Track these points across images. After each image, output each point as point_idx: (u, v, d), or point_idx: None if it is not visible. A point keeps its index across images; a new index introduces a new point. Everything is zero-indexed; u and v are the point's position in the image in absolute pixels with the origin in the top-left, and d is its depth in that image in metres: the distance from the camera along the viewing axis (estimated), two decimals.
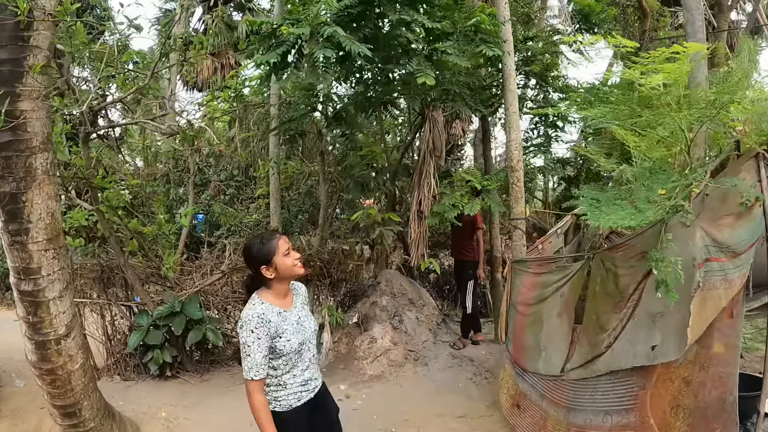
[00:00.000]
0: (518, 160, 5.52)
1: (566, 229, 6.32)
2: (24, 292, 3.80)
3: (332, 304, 8.14)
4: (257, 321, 2.94)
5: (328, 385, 6.36)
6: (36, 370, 4.08)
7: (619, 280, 4.03)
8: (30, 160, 3.60)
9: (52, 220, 3.78)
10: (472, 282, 7.69)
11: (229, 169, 12.14)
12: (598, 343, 4.16)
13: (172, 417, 5.62)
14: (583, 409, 4.26)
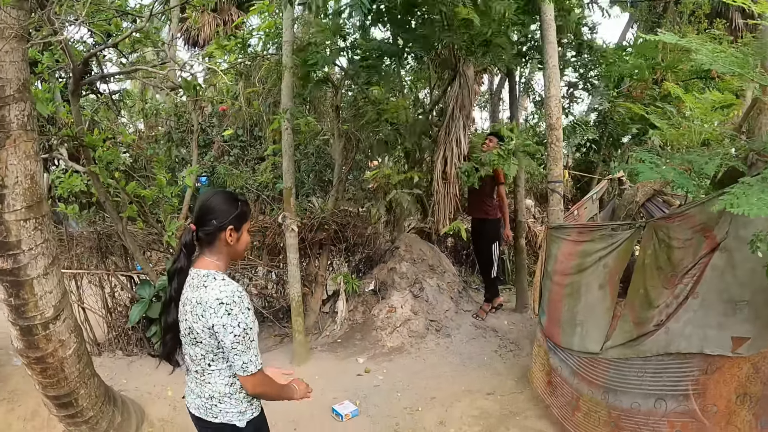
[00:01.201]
0: (558, 117, 5.06)
1: (600, 195, 6.02)
2: (2, 270, 3.25)
3: (347, 270, 7.73)
4: (245, 296, 2.46)
5: (345, 358, 6.19)
6: (24, 358, 3.60)
7: (673, 253, 3.64)
8: (2, 113, 3.01)
9: (31, 184, 3.21)
10: (496, 244, 7.24)
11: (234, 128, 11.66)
12: (646, 321, 3.81)
13: (179, 396, 5.24)
14: (627, 391, 3.92)
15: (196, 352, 2.50)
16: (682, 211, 3.64)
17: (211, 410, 2.58)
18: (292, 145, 6.09)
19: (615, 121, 8.43)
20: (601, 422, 4.08)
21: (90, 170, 5.46)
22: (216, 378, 2.53)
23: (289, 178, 6.07)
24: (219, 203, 2.51)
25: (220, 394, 2.55)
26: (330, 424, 5.00)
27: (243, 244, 2.60)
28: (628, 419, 3.89)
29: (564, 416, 4.54)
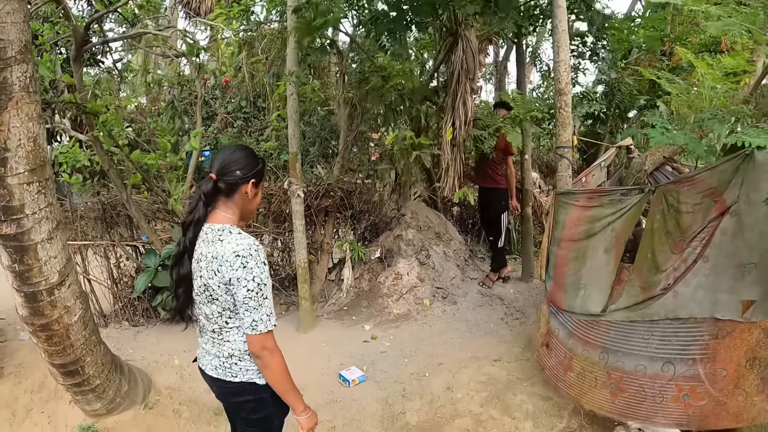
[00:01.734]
0: (567, 83, 4.95)
1: (609, 162, 5.95)
2: (6, 236, 3.19)
3: (353, 237, 7.70)
4: (262, 251, 2.41)
5: (351, 325, 6.19)
6: (29, 326, 3.55)
7: (682, 218, 3.59)
8: (4, 74, 2.92)
9: (34, 147, 3.13)
10: (505, 213, 7.18)
11: (237, 100, 11.57)
12: (653, 285, 3.76)
13: (186, 364, 5.24)
14: (631, 353, 3.88)
15: (212, 309, 2.45)
16: (693, 175, 3.58)
17: (230, 370, 2.55)
18: (297, 110, 6.02)
19: (623, 92, 8.33)
20: (599, 383, 4.05)
21: (93, 135, 5.40)
22: (234, 335, 2.50)
23: (295, 144, 6.01)
24: (244, 156, 2.50)
25: (240, 351, 2.51)
26: (337, 390, 4.99)
27: (256, 203, 2.61)
28: (632, 381, 3.86)
29: (556, 377, 4.53)
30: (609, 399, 4.01)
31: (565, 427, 4.29)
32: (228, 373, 2.55)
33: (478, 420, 4.43)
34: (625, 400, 3.92)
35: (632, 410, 3.90)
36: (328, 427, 4.45)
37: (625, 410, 3.94)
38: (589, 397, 4.15)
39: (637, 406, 3.86)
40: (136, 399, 4.54)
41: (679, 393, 3.68)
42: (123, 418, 4.38)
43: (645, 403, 3.83)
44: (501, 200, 7.14)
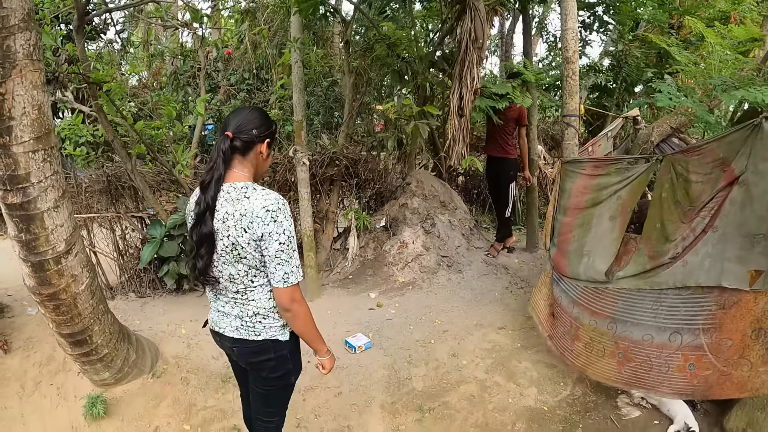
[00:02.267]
0: (574, 51, 4.92)
1: (615, 133, 5.94)
2: (12, 205, 3.18)
3: (358, 206, 7.69)
4: (287, 205, 2.45)
5: (357, 293, 6.22)
6: (36, 296, 3.55)
7: (691, 187, 3.57)
8: (7, 42, 2.89)
9: (39, 115, 3.11)
10: (514, 184, 7.14)
11: (240, 72, 11.51)
12: (662, 254, 3.76)
13: (193, 333, 5.29)
14: (639, 323, 3.89)
15: (238, 269, 2.46)
16: (701, 145, 3.56)
17: (254, 328, 2.58)
18: (302, 78, 5.97)
19: (630, 65, 8.24)
20: (606, 353, 4.07)
21: (97, 105, 5.38)
22: (259, 294, 2.54)
23: (300, 112, 5.98)
24: (259, 116, 2.53)
25: (265, 309, 2.56)
26: (343, 356, 5.02)
27: (268, 164, 2.64)
28: (639, 351, 3.88)
29: (562, 346, 4.55)
30: (616, 369, 4.03)
31: (569, 395, 4.33)
32: (251, 332, 2.59)
33: (483, 386, 4.47)
34: (631, 370, 3.94)
35: (638, 379, 3.93)
36: (334, 392, 4.50)
37: (631, 379, 3.97)
38: (596, 367, 4.17)
39: (643, 376, 3.89)
40: (144, 368, 4.57)
41: (684, 363, 3.70)
42: (131, 387, 4.42)
43: (651, 373, 3.86)
44: (510, 171, 7.08)
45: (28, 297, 5.41)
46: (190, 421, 4.20)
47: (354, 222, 7.01)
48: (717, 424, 3.84)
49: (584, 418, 4.06)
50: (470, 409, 4.22)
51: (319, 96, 9.50)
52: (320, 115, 9.48)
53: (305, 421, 4.19)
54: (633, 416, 4.03)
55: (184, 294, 6.31)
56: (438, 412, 4.20)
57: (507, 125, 6.81)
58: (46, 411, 4.27)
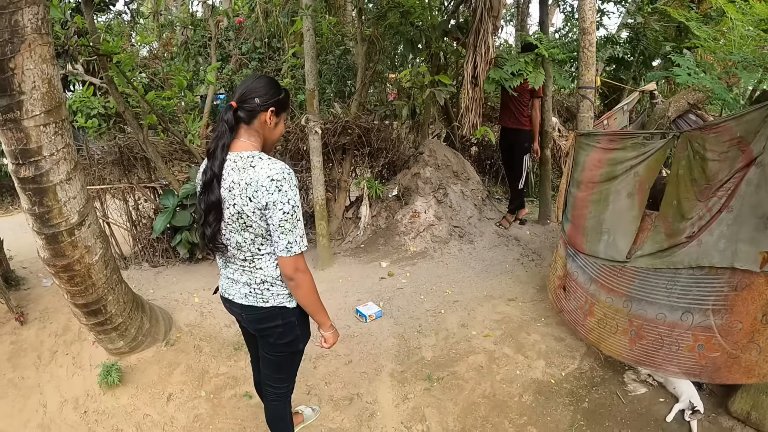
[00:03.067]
0: (591, 21, 4.82)
1: (631, 106, 5.88)
2: (25, 179, 3.21)
3: (370, 175, 7.68)
4: (293, 174, 2.45)
5: (368, 262, 6.30)
6: (50, 267, 3.59)
7: (707, 165, 3.51)
8: (15, 17, 2.88)
9: (49, 88, 3.11)
10: (528, 155, 7.05)
11: (251, 41, 11.45)
12: (678, 232, 3.73)
13: (206, 302, 5.37)
14: (653, 301, 3.89)
15: (245, 237, 2.50)
16: (719, 122, 3.49)
17: (262, 296, 2.63)
18: (314, 46, 5.93)
19: (648, 38, 8.09)
20: (620, 330, 4.09)
21: (108, 77, 5.39)
22: (266, 262, 2.57)
23: (312, 80, 5.95)
24: (264, 85, 2.50)
25: (272, 277, 2.60)
26: (354, 325, 5.09)
27: (278, 133, 2.62)
28: (651, 329, 3.90)
29: (575, 321, 4.57)
30: (627, 346, 4.06)
31: (576, 368, 4.35)
32: (259, 299, 2.64)
33: (492, 357, 4.50)
34: (642, 347, 3.97)
35: (648, 357, 3.96)
36: (344, 360, 4.56)
37: (641, 357, 4.00)
38: (609, 342, 4.20)
39: (653, 354, 3.91)
40: (157, 336, 4.64)
41: (694, 343, 3.71)
42: (145, 356, 4.50)
43: (661, 351, 3.87)
44: (524, 142, 6.96)
45: (43, 269, 5.48)
46: (203, 387, 4.27)
47: (366, 191, 7.01)
48: (722, 405, 3.85)
49: (590, 393, 4.08)
50: (478, 380, 4.25)
51: (332, 64, 9.42)
52: (332, 84, 9.41)
53: (315, 388, 4.25)
54: (639, 393, 4.05)
55: (197, 263, 6.38)
56: (446, 382, 4.24)
57: (522, 96, 6.67)
58: (63, 380, 4.35)
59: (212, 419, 4.00)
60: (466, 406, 4.01)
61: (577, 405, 3.99)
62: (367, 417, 3.95)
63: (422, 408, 4.00)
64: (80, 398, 4.20)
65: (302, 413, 3.91)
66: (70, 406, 4.15)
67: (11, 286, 5.34)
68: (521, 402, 4.03)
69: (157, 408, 4.10)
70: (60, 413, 4.10)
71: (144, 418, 4.02)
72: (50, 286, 5.39)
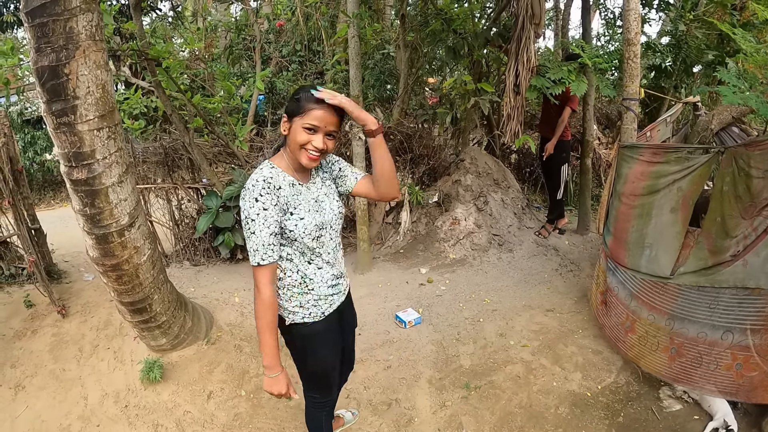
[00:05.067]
0: (636, 32, 4.76)
1: (675, 118, 5.77)
2: (77, 181, 3.29)
3: (411, 181, 7.68)
4: (262, 187, 2.31)
5: (408, 268, 6.37)
6: (99, 266, 3.68)
7: (752, 182, 3.47)
8: (70, 24, 2.95)
9: (103, 94, 3.18)
10: (566, 165, 7.01)
11: (292, 43, 11.56)
12: (722, 250, 3.69)
13: (246, 302, 5.44)
14: (696, 321, 3.85)
15: None
16: (764, 139, 3.45)
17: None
18: (359, 52, 5.97)
19: (689, 45, 7.98)
20: (660, 347, 4.07)
21: (156, 81, 5.49)
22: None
23: (356, 86, 6.00)
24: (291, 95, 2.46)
25: (277, 288, 2.59)
26: (393, 330, 5.13)
27: (295, 140, 2.38)
28: (692, 347, 3.87)
29: (616, 336, 4.55)
30: (667, 363, 4.04)
31: (612, 382, 4.32)
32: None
33: (529, 368, 4.49)
34: (681, 365, 3.94)
35: (686, 375, 3.93)
36: (384, 366, 4.60)
37: (680, 374, 3.98)
38: (648, 359, 4.19)
39: (691, 372, 3.89)
40: (199, 335, 4.71)
41: (732, 362, 3.68)
42: (186, 353, 4.57)
43: (699, 370, 3.85)
44: (563, 152, 6.91)
45: (84, 263, 5.61)
46: (243, 387, 4.34)
47: (407, 197, 7.03)
48: (756, 425, 3.78)
49: (626, 407, 4.05)
50: (515, 390, 4.25)
51: (373, 69, 9.48)
52: (374, 89, 9.46)
53: (354, 392, 4.29)
54: (674, 409, 4.00)
55: (238, 263, 6.46)
56: (484, 391, 4.24)
57: (560, 107, 6.63)
58: (104, 374, 4.43)
59: (252, 418, 4.06)
60: (503, 416, 4.01)
61: (613, 419, 3.96)
62: (404, 423, 3.98)
63: (459, 416, 4.01)
64: (121, 392, 4.27)
65: (342, 417, 3.96)
66: (110, 399, 4.23)
67: (53, 279, 5.43)
68: (557, 414, 4.02)
69: (197, 405, 4.16)
70: (101, 406, 4.18)
71: (184, 414, 4.09)
72: (92, 280, 5.49)
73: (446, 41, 6.94)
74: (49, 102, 3.04)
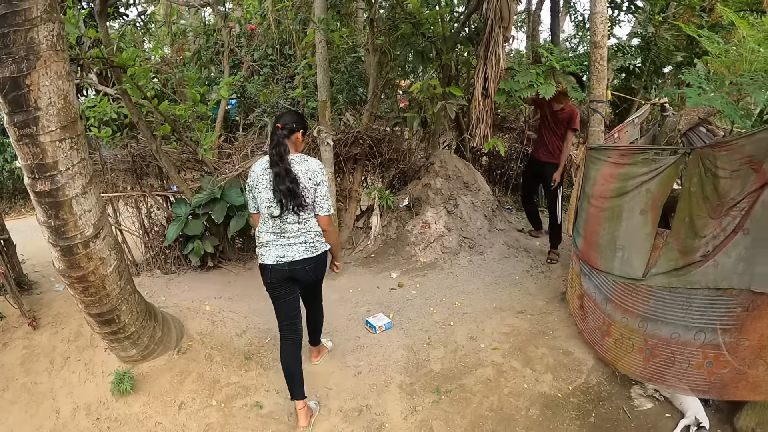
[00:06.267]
0: (603, 35, 4.82)
1: (642, 119, 5.87)
2: (41, 192, 3.28)
3: (381, 185, 7.70)
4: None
5: (378, 272, 6.39)
6: (65, 278, 3.66)
7: (719, 183, 3.54)
8: (31, 35, 2.93)
9: (65, 104, 3.17)
10: (560, 189, 6.71)
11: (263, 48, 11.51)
12: (692, 251, 3.77)
13: (217, 310, 5.41)
14: (669, 322, 3.94)
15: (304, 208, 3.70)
16: (729, 141, 3.52)
17: (314, 246, 3.83)
18: (326, 57, 5.99)
19: (659, 47, 8.08)
20: (635, 349, 4.15)
21: (122, 89, 5.44)
22: (313, 223, 3.81)
23: (324, 92, 6.01)
24: (298, 117, 3.88)
25: (319, 234, 3.85)
26: (364, 336, 5.13)
27: (301, 145, 3.90)
28: (665, 347, 3.95)
29: (594, 340, 4.62)
30: (642, 364, 4.12)
31: (583, 383, 4.37)
32: (313, 250, 3.83)
33: (500, 370, 4.52)
34: (655, 365, 4.02)
35: (660, 375, 4.02)
36: (354, 372, 4.60)
37: (654, 375, 4.06)
38: (625, 361, 4.26)
39: (665, 371, 3.97)
40: (169, 345, 4.69)
41: (704, 360, 3.76)
42: (157, 363, 4.54)
43: (672, 369, 3.93)
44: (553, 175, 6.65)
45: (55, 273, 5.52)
46: (214, 396, 4.32)
47: (377, 201, 7.03)
48: (728, 421, 3.86)
49: (597, 407, 4.10)
50: (486, 393, 4.28)
51: (343, 73, 9.47)
52: (344, 93, 9.46)
53: (325, 398, 4.29)
54: (645, 408, 4.06)
55: (208, 271, 6.42)
56: (454, 395, 4.27)
57: (559, 127, 6.53)
58: (75, 386, 4.40)
59: (223, 428, 4.04)
60: (474, 420, 4.04)
61: (584, 419, 4.01)
62: (375, 429, 3.99)
63: (430, 420, 4.04)
64: (93, 405, 4.25)
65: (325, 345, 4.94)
66: (82, 412, 4.20)
67: (24, 291, 5.39)
68: (528, 416, 4.06)
69: (168, 416, 4.14)
70: (72, 419, 4.16)
71: (156, 426, 4.07)
72: (62, 291, 5.44)
73: (415, 45, 6.97)
74: (11, 113, 3.03)
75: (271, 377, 4.54)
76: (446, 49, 6.96)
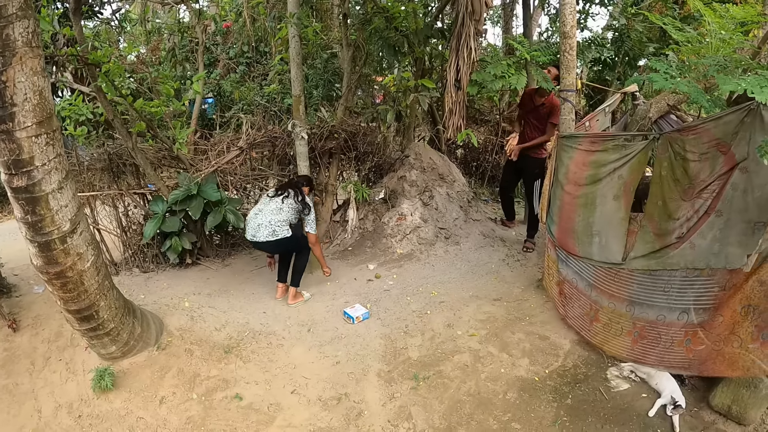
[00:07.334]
0: (572, 25, 4.88)
1: (613, 108, 5.95)
2: (17, 188, 3.30)
3: (357, 179, 7.74)
4: None
5: (356, 265, 6.60)
6: (44, 275, 3.68)
7: (689, 166, 3.66)
8: (6, 32, 2.96)
9: (40, 100, 3.20)
10: (539, 181, 6.69)
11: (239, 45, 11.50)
12: (667, 233, 3.89)
13: (196, 306, 5.46)
14: (654, 304, 4.07)
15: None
16: (696, 124, 3.62)
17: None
18: (300, 52, 6.01)
19: (632, 39, 8.20)
20: (624, 332, 4.28)
21: (96, 86, 5.44)
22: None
23: (298, 86, 6.03)
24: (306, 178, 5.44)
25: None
26: (342, 327, 5.19)
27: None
28: (652, 329, 4.08)
29: (581, 326, 4.72)
30: (629, 346, 4.25)
31: (560, 366, 4.47)
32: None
33: (477, 356, 4.61)
34: (642, 346, 4.16)
35: (646, 355, 4.15)
36: (332, 361, 4.66)
37: (640, 355, 4.19)
38: (612, 344, 4.39)
39: (650, 351, 4.11)
40: (149, 341, 4.71)
41: (684, 338, 3.89)
42: (137, 360, 4.58)
43: (657, 348, 4.06)
44: (535, 169, 6.75)
45: (34, 276, 5.55)
46: (194, 390, 4.36)
47: (353, 194, 7.06)
48: (704, 399, 3.97)
49: (574, 389, 4.20)
50: (463, 378, 4.36)
51: (318, 69, 9.49)
52: (319, 88, 9.49)
53: (302, 388, 4.35)
54: (622, 389, 4.16)
55: (187, 268, 6.44)
56: (432, 381, 4.35)
57: (540, 123, 6.60)
58: (56, 385, 4.42)
59: (204, 421, 4.08)
60: (452, 404, 4.12)
61: (561, 401, 4.10)
62: (354, 416, 4.06)
63: (409, 406, 4.11)
64: (74, 403, 4.27)
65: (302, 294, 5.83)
66: (64, 411, 4.22)
67: (3, 294, 5.38)
68: (506, 399, 4.14)
69: (149, 411, 4.18)
70: (54, 418, 4.17)
71: (137, 421, 4.10)
72: (42, 293, 5.45)
73: (388, 39, 7.01)
74: None
75: (251, 369, 4.58)
76: (419, 43, 7.02)
